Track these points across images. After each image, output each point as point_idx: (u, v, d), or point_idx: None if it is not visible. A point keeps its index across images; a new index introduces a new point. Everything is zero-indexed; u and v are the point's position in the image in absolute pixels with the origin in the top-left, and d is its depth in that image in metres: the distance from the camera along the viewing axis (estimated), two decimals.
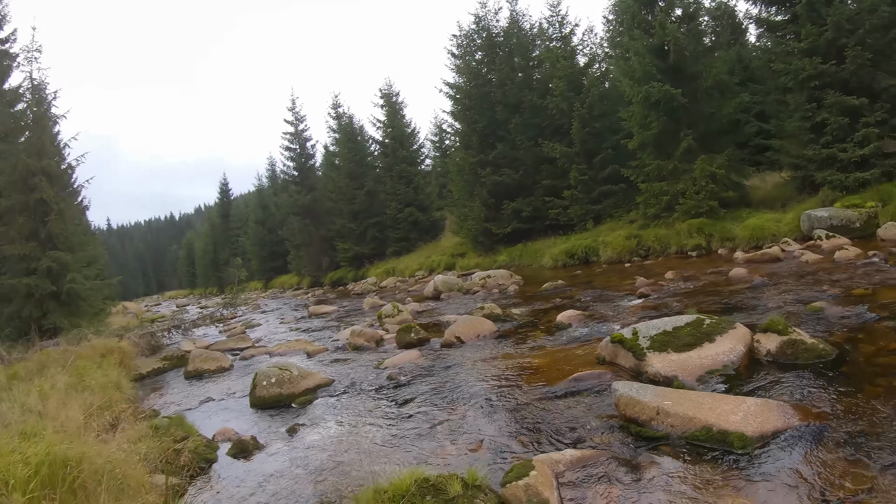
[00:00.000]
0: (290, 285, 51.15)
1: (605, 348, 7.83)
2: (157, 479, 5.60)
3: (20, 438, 5.40)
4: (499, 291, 18.43)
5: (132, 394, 11.27)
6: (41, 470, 4.44)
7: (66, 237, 20.39)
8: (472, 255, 30.20)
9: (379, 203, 40.21)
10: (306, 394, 9.96)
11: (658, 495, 4.30)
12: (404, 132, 41.13)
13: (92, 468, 4.68)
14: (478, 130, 29.87)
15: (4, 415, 6.92)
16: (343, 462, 6.62)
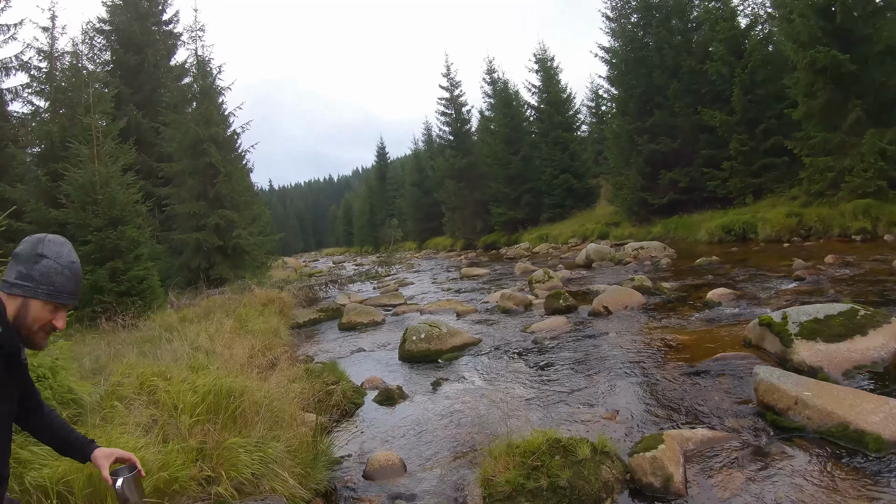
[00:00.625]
0: (443, 247, 51.87)
1: (753, 331, 7.52)
2: (307, 417, 6.00)
3: (189, 371, 5.96)
4: (651, 263, 18.06)
5: (289, 340, 11.99)
6: (207, 398, 4.90)
7: (232, 197, 21.89)
8: (625, 224, 29.50)
9: (534, 169, 39.89)
10: (453, 351, 10.28)
11: (783, 488, 4.20)
12: (560, 97, 40.42)
13: (251, 400, 5.11)
14: (635, 96, 28.94)
15: (176, 350, 7.58)
16: (481, 417, 6.84)
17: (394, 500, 5.03)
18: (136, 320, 10.94)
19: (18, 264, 2.20)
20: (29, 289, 2.17)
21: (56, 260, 2.21)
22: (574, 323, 11.05)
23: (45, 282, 2.18)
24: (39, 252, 2.20)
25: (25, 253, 2.21)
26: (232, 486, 4.10)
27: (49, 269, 2.19)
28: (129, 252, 13.15)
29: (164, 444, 4.26)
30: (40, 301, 2.19)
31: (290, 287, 18.99)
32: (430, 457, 5.90)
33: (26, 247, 2.22)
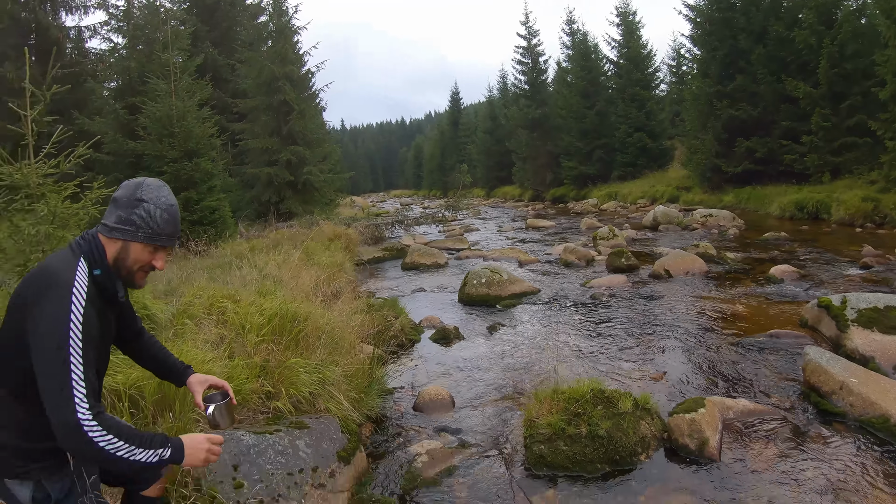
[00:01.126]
0: (511, 196, 51.72)
1: (810, 311, 7.35)
2: (365, 348, 6.28)
3: (257, 295, 6.27)
4: (718, 232, 17.74)
5: (353, 275, 12.33)
6: (272, 320, 5.20)
7: (304, 134, 22.29)
8: (697, 190, 28.75)
9: (608, 125, 39.10)
10: (511, 298, 10.46)
11: (815, 471, 4.21)
12: (640, 53, 39.28)
13: (314, 326, 5.39)
14: (717, 59, 27.83)
15: (245, 276, 7.93)
16: (531, 363, 7.03)
17: (440, 432, 5.28)
18: (207, 248, 11.39)
19: (118, 209, 2.28)
20: (129, 232, 2.27)
21: (155, 204, 2.30)
22: (633, 282, 11.10)
23: (144, 225, 2.28)
24: (138, 197, 2.28)
25: (125, 198, 2.29)
26: (290, 403, 4.39)
27: (148, 212, 2.28)
28: (203, 183, 13.59)
29: (230, 360, 4.56)
30: (140, 244, 2.30)
31: (356, 224, 19.37)
32: (479, 395, 6.13)
33: (125, 192, 2.30)
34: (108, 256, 2.29)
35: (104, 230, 2.29)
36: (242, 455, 3.77)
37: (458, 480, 4.46)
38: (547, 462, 4.49)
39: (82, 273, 2.18)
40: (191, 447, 2.27)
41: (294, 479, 3.84)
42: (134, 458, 2.08)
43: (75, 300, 2.07)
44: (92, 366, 2.10)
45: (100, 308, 2.26)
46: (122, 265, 2.32)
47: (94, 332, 2.13)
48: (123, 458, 2.05)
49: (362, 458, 4.61)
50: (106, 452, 2.02)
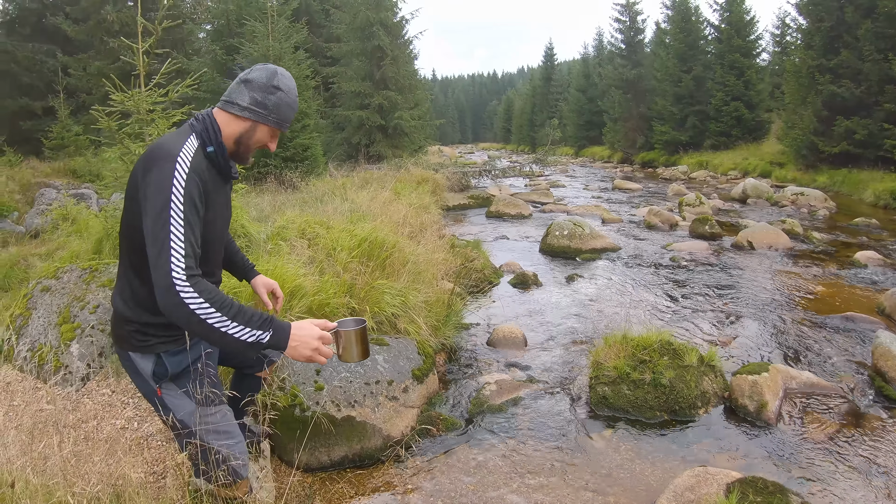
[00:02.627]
0: (600, 157, 50.71)
1: (889, 299, 7.16)
2: (445, 284, 6.52)
3: (348, 222, 6.58)
4: (807, 212, 17.20)
5: (438, 218, 12.55)
6: (362, 244, 5.50)
7: (396, 80, 22.53)
8: (790, 167, 27.65)
9: (704, 91, 37.82)
10: (592, 252, 10.57)
11: (868, 453, 4.17)
12: (742, 19, 37.54)
13: (400, 255, 5.66)
14: (822, 30, 26.40)
15: (337, 208, 8.26)
16: (605, 312, 7.17)
17: (510, 367, 5.51)
18: (298, 183, 11.80)
19: (253, 91, 2.35)
20: (261, 115, 2.36)
21: (288, 94, 2.40)
22: (714, 250, 11.00)
23: (275, 111, 2.38)
24: (275, 84, 2.36)
25: (261, 82, 2.35)
26: (373, 321, 4.68)
27: (281, 101, 2.38)
28: (297, 122, 13.98)
29: (320, 276, 4.87)
30: (268, 127, 2.40)
31: (444, 170, 19.60)
32: (551, 338, 6.32)
33: (261, 76, 2.36)
34: (225, 134, 2.38)
35: (230, 107, 2.36)
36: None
37: (522, 410, 4.68)
38: (609, 403, 4.67)
39: (190, 146, 2.24)
40: (298, 338, 2.14)
41: (370, 388, 4.14)
42: (228, 332, 2.02)
43: (179, 167, 2.13)
44: (195, 230, 2.15)
45: (210, 182, 2.32)
46: (246, 143, 2.41)
47: (198, 201, 2.17)
48: (217, 329, 2.01)
49: (434, 380, 4.88)
50: (198, 318, 1.99)
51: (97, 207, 10.79)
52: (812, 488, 3.78)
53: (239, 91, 2.37)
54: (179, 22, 16.54)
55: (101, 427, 3.65)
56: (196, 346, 2.53)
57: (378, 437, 4.05)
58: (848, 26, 25.12)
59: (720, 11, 38.67)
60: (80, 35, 19.63)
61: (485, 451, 4.15)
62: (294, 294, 4.42)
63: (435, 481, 3.80)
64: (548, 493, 3.69)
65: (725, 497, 3.35)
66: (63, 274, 4.87)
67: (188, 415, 2.48)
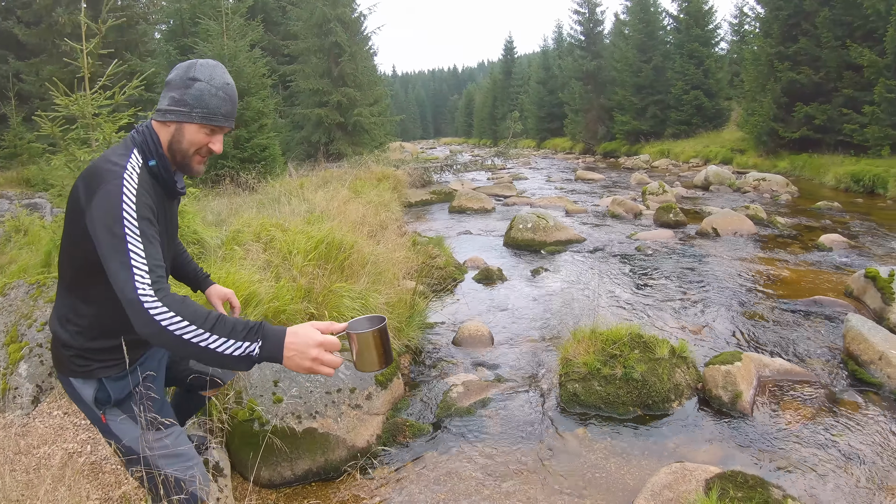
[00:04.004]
0: (562, 148, 50.97)
1: (856, 282, 7.21)
2: (408, 283, 6.36)
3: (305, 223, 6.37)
4: (770, 197, 17.32)
5: (399, 215, 12.44)
6: (319, 246, 5.31)
7: (355, 76, 22.31)
8: (751, 153, 27.89)
9: (664, 81, 38.09)
10: (557, 244, 10.49)
11: (844, 437, 4.16)
12: (701, 8, 37.94)
13: (359, 256, 5.49)
14: (780, 18, 26.72)
15: (294, 209, 8.05)
16: (572, 307, 7.06)
17: (477, 366, 5.37)
18: (256, 184, 11.57)
19: (171, 90, 2.14)
20: (183, 113, 2.13)
21: (209, 82, 2.14)
22: (680, 238, 11.01)
23: (198, 105, 2.13)
24: (192, 76, 2.13)
25: (177, 78, 2.14)
26: None
27: (202, 91, 2.13)
28: (254, 122, 13.76)
29: (276, 282, 4.67)
30: (195, 125, 2.15)
31: (405, 167, 19.45)
32: (518, 334, 6.20)
33: (178, 73, 2.15)
34: (161, 142, 2.18)
35: (158, 115, 2.17)
36: (283, 372, 3.92)
37: (491, 412, 4.55)
38: (580, 401, 4.56)
39: (134, 161, 2.07)
40: (293, 347, 1.75)
41: (332, 397, 3.97)
42: (209, 346, 1.73)
43: (126, 183, 1.97)
44: (154, 243, 1.96)
45: (157, 198, 2.15)
46: (178, 149, 2.18)
47: (149, 215, 2.00)
48: (195, 344, 1.73)
49: (399, 385, 4.72)
50: (171, 335, 1.74)
51: (51, 217, 10.44)
52: (792, 478, 3.72)
53: (162, 96, 2.20)
54: (123, 20, 16.18)
55: (54, 453, 3.43)
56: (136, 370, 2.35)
57: (342, 448, 3.88)
58: (806, 14, 25.46)
59: (679, 2, 39.18)
60: (31, 39, 19.09)
61: (455, 457, 4.00)
62: (249, 301, 4.22)
63: (404, 492, 3.64)
64: (522, 497, 3.57)
65: (705, 494, 3.25)
66: (10, 290, 4.62)
67: (134, 440, 2.30)
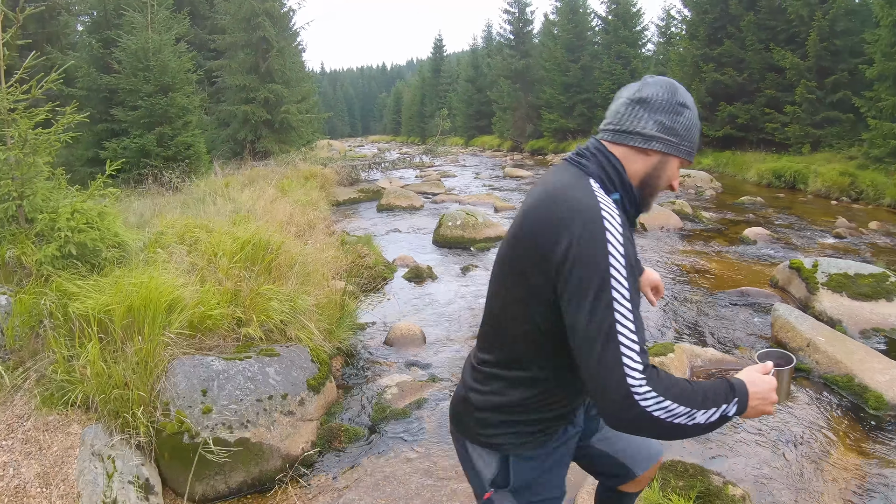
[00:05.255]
0: (490, 146, 51.17)
1: (781, 273, 7.48)
2: (337, 283, 6.25)
3: (231, 224, 6.20)
4: (695, 193, 17.73)
5: (327, 214, 12.27)
6: (245, 247, 5.15)
7: (282, 72, 21.90)
8: None
9: (592, 80, 38.59)
10: (487, 241, 10.47)
11: (777, 422, 4.32)
12: (629, 11, 38.62)
13: (287, 256, 5.35)
14: (706, 22, 27.56)
15: (219, 209, 7.84)
16: None
17: (410, 367, 5.31)
18: (180, 184, 11.26)
19: (656, 113, 1.77)
20: (671, 144, 1.78)
21: (693, 111, 1.82)
22: None
23: (687, 137, 1.80)
24: (680, 101, 1.79)
25: (664, 101, 1.77)
26: (261, 330, 4.36)
27: (690, 122, 1.80)
28: (178, 119, 13.35)
29: (201, 285, 4.51)
30: (679, 159, 1.82)
31: (333, 165, 19.24)
32: (450, 332, 6.17)
33: (662, 92, 1.79)
34: (629, 172, 1.80)
35: (628, 138, 1.79)
36: (212, 380, 3.76)
37: (427, 412, 4.49)
38: None
39: (602, 194, 1.68)
40: (758, 397, 1.66)
41: (263, 405, 3.84)
42: (690, 424, 1.55)
43: (610, 226, 1.58)
44: (639, 312, 1.59)
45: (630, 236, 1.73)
46: (655, 183, 1.83)
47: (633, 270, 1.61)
48: (681, 426, 1.54)
49: (332, 389, 4.62)
50: (661, 423, 1.51)
51: None
52: (731, 464, 3.81)
53: (635, 115, 1.79)
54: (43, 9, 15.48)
55: None
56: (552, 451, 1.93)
57: (277, 458, 3.76)
58: (731, 18, 26.39)
59: (608, 3, 39.89)
60: None
61: (393, 460, 3.93)
62: (172, 308, 4.05)
63: (343, 500, 3.56)
64: (465, 498, 3.51)
65: (647, 485, 3.26)
66: None
67: None
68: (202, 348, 4.11)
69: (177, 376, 3.68)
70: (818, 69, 21.97)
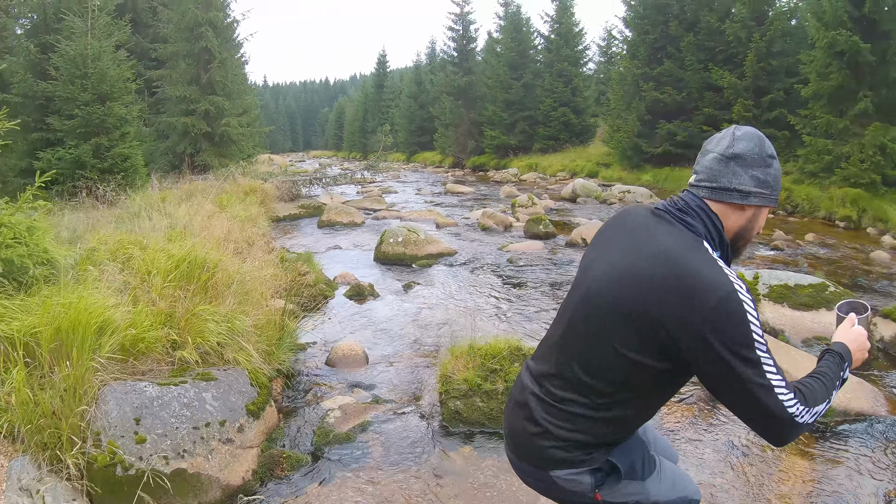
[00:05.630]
0: (432, 162, 51.29)
1: None
2: (277, 302, 6.09)
3: (166, 240, 5.99)
4: None
5: (267, 230, 12.03)
6: (181, 266, 4.96)
7: (225, 85, 21.51)
8: (616, 167, 29.06)
9: (534, 98, 39.03)
10: (428, 258, 10.43)
11: (725, 433, 4.38)
12: (571, 30, 39.25)
13: (224, 275, 5.18)
14: (647, 42, 28.19)
15: (155, 225, 7.60)
16: (447, 321, 7.00)
17: (353, 388, 5.18)
18: (116, 197, 10.92)
19: (751, 168, 1.84)
20: (765, 197, 1.85)
21: (777, 159, 1.90)
22: (550, 249, 11.22)
23: (777, 187, 1.88)
24: (769, 153, 1.86)
25: (756, 155, 1.85)
26: (197, 353, 4.18)
27: (778, 172, 1.89)
28: (116, 129, 12.91)
29: (133, 306, 4.32)
30: (768, 208, 1.90)
31: (273, 180, 18.97)
32: (393, 352, 6.07)
33: (752, 147, 1.86)
34: (727, 229, 1.88)
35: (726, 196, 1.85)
36: (145, 408, 3.58)
37: (372, 436, 4.38)
38: (463, 418, 4.47)
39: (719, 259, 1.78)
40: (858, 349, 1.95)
41: (200, 433, 3.67)
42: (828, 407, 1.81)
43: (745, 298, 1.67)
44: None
45: None
46: (748, 236, 1.92)
47: None
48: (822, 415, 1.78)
49: (273, 413, 4.46)
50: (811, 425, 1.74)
51: None
52: None
53: (731, 171, 1.86)
54: None
55: None
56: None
57: (216, 488, 3.60)
58: (671, 38, 27.12)
59: (551, 23, 40.61)
60: None
61: (338, 487, 3.79)
62: (103, 330, 3.85)
63: None
64: None
65: None
66: None
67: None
68: (135, 373, 3.92)
69: (108, 404, 3.49)
70: (755, 88, 22.64)
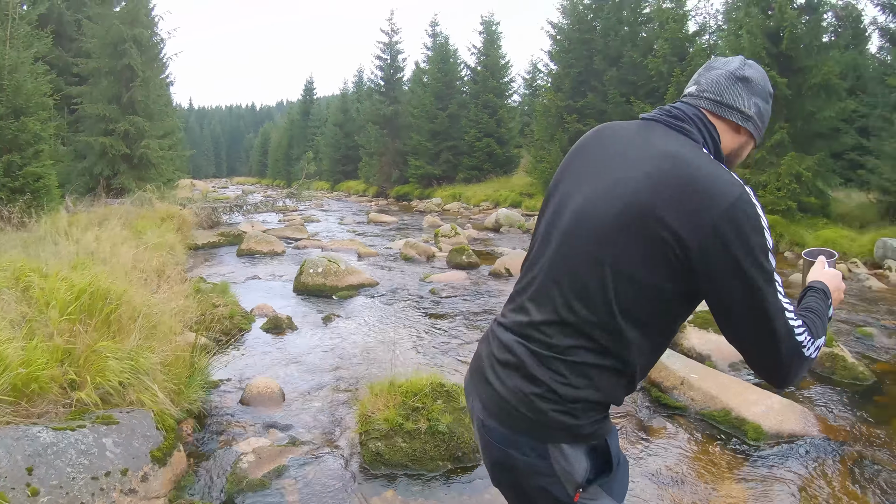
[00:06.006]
0: (356, 191, 51.21)
1: None
2: (188, 336, 5.79)
3: (70, 269, 5.63)
4: None
5: (183, 258, 11.66)
6: (82, 297, 4.62)
7: (146, 105, 20.94)
8: (540, 197, 29.27)
9: (459, 128, 39.45)
10: (349, 289, 10.23)
11: (657, 462, 4.35)
12: (498, 63, 40.07)
13: (129, 307, 4.86)
14: (571, 75, 28.97)
15: (61, 251, 7.20)
16: (368, 355, 6.83)
17: (268, 429, 4.93)
18: (25, 219, 10.38)
19: (755, 96, 1.72)
20: (759, 129, 1.76)
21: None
22: (473, 280, 11.18)
23: (765, 126, 1.78)
24: (771, 91, 1.76)
25: (761, 85, 1.73)
26: (97, 394, 3.88)
27: (768, 112, 1.76)
28: (29, 146, 12.29)
29: (28, 341, 3.99)
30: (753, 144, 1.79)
31: (192, 206, 18.47)
32: (312, 389, 5.84)
33: (759, 77, 1.74)
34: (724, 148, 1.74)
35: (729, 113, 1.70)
36: (38, 456, 3.25)
37: (288, 482, 4.13)
38: (384, 460, 4.27)
39: None
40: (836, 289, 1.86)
41: (99, 483, 3.37)
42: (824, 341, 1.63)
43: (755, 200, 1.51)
44: None
45: None
46: (734, 162, 1.80)
47: None
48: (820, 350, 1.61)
49: (181, 459, 4.16)
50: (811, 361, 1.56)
51: None
52: None
53: (737, 91, 1.70)
54: None
55: None
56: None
57: None
58: (595, 72, 28.03)
59: (477, 55, 41.39)
60: None
61: None
62: None
63: None
64: None
65: None
66: None
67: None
68: (28, 416, 3.59)
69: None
70: None
